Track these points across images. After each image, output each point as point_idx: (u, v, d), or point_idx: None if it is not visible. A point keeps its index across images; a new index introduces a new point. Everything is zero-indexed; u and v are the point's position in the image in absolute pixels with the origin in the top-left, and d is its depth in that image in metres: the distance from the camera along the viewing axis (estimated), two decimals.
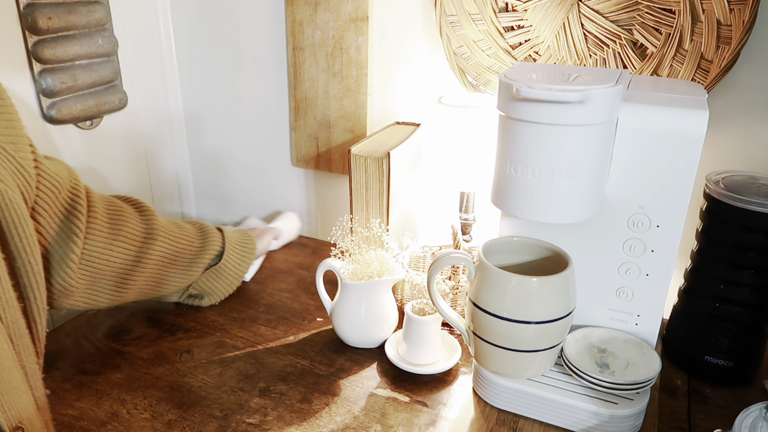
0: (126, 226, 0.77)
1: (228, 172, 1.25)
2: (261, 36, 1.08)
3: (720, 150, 0.82)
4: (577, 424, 0.64)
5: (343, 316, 0.78)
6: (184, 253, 0.85)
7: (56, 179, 0.67)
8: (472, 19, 0.88)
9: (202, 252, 0.87)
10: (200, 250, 0.87)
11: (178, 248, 0.83)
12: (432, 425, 0.66)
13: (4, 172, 0.56)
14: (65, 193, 0.69)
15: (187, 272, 0.86)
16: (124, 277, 0.78)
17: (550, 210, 0.62)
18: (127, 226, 0.77)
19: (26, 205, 0.61)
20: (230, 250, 0.90)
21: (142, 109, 1.13)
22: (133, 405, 0.69)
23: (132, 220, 0.78)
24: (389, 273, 0.79)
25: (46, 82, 0.92)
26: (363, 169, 0.84)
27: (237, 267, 0.91)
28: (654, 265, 0.66)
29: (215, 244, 0.88)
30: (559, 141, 0.58)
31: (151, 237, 0.80)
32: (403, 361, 0.74)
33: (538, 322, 0.61)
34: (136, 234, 0.78)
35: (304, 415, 0.68)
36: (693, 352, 0.74)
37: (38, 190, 0.64)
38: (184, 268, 0.85)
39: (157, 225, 0.81)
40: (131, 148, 1.13)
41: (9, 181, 0.57)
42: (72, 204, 0.70)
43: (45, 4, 0.89)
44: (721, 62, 0.76)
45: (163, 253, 0.81)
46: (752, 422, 0.49)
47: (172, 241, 0.83)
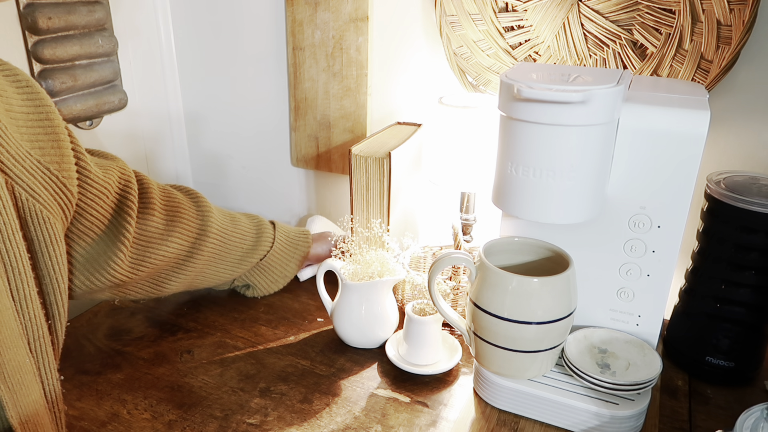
0: (182, 220, 0.78)
1: (228, 172, 1.25)
2: (261, 36, 1.08)
3: (720, 150, 0.82)
4: (578, 424, 0.64)
5: (343, 317, 0.78)
6: (236, 250, 0.85)
7: (102, 185, 0.68)
8: (472, 19, 0.88)
9: (253, 250, 0.87)
10: (252, 248, 0.87)
11: (230, 245, 0.84)
12: (433, 426, 0.66)
13: (45, 192, 0.58)
14: (113, 196, 0.71)
15: (235, 268, 0.87)
16: (174, 271, 0.79)
17: (551, 210, 0.62)
18: (183, 220, 0.78)
19: (64, 223, 0.62)
20: (278, 248, 0.90)
21: (142, 109, 1.13)
22: (133, 405, 0.69)
23: (188, 215, 0.80)
24: (390, 273, 0.79)
25: (46, 82, 0.92)
26: (364, 169, 0.84)
27: (284, 266, 0.92)
28: (655, 266, 0.66)
29: (266, 242, 0.89)
30: (560, 141, 0.58)
31: (205, 233, 0.81)
32: (404, 362, 0.74)
33: (539, 323, 0.61)
34: (191, 229, 0.79)
35: (304, 416, 0.67)
36: (694, 353, 0.74)
37: (82, 197, 0.66)
38: (233, 264, 0.86)
39: (212, 220, 0.82)
40: (131, 148, 1.13)
41: (50, 202, 0.58)
42: (121, 202, 0.72)
43: (45, 4, 0.89)
44: (721, 62, 0.76)
45: (215, 249, 0.82)
46: (754, 423, 0.49)
47: (225, 237, 0.84)
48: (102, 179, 0.68)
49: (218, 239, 0.82)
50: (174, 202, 0.79)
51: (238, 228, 0.86)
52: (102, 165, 0.71)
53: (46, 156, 0.58)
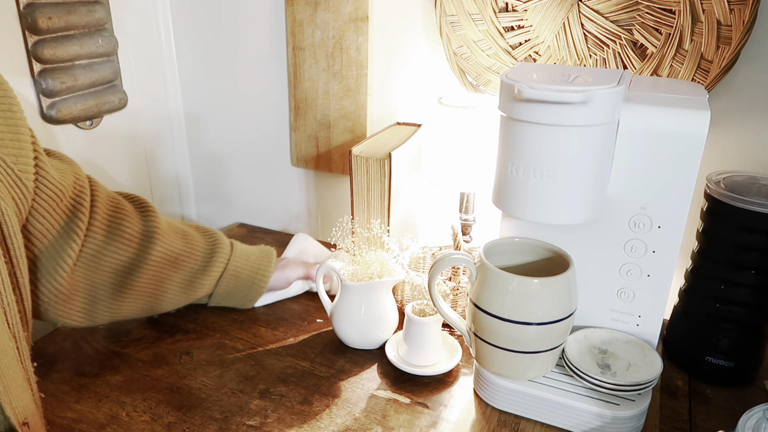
0: (124, 225, 0.74)
1: (228, 172, 1.25)
2: (261, 36, 1.08)
3: (720, 150, 0.82)
4: (579, 425, 0.64)
5: (343, 318, 0.78)
6: (184, 270, 0.79)
7: (59, 187, 0.66)
8: (472, 19, 0.88)
9: (203, 271, 0.81)
10: (202, 269, 0.81)
11: (178, 264, 0.78)
12: (433, 427, 0.66)
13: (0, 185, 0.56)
14: (67, 200, 0.68)
15: (186, 290, 0.80)
16: (120, 284, 0.74)
17: (551, 211, 0.61)
18: (126, 226, 0.74)
19: (19, 217, 0.61)
20: (234, 270, 0.83)
21: (142, 109, 1.13)
22: (132, 407, 0.69)
23: (131, 220, 0.75)
24: (389, 274, 0.79)
25: (46, 82, 0.91)
26: (364, 170, 0.84)
27: (240, 291, 0.85)
28: (655, 266, 0.66)
29: (219, 263, 0.82)
30: (561, 142, 0.58)
31: (150, 240, 0.75)
32: (404, 363, 0.74)
33: (540, 324, 0.61)
34: (134, 235, 0.74)
35: (304, 417, 0.67)
36: (694, 353, 0.74)
37: (37, 197, 0.64)
38: (181, 286, 0.80)
39: (158, 236, 0.76)
40: (131, 148, 1.13)
41: (4, 194, 0.57)
42: (75, 208, 0.69)
43: (45, 4, 0.89)
44: (721, 62, 0.76)
45: (158, 268, 0.76)
46: (755, 424, 0.49)
47: (172, 255, 0.77)
48: (58, 182, 0.66)
49: (163, 257, 0.76)
50: (118, 205, 0.74)
51: (189, 246, 0.80)
52: (58, 168, 0.68)
53: (2, 147, 0.57)
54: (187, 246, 0.80)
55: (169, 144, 1.22)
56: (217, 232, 0.85)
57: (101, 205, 0.73)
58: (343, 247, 0.81)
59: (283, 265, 0.88)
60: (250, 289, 0.85)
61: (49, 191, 0.65)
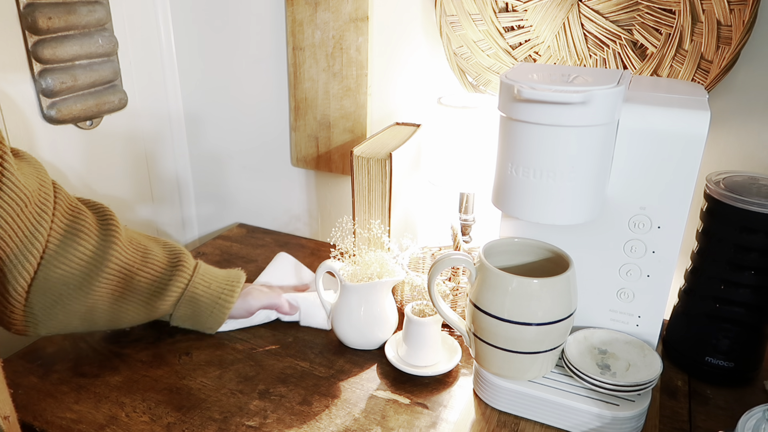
0: (80, 236, 0.69)
1: (228, 172, 1.25)
2: (261, 36, 1.08)
3: (720, 150, 0.82)
4: (579, 425, 0.64)
5: (342, 318, 0.78)
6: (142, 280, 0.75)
7: (23, 192, 0.63)
8: (472, 19, 0.88)
9: (161, 291, 0.76)
10: (160, 289, 0.76)
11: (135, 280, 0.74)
12: (432, 427, 0.66)
13: None
14: (32, 207, 0.65)
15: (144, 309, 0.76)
16: (71, 296, 0.70)
17: (551, 211, 0.61)
18: (82, 236, 0.70)
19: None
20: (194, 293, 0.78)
21: (142, 109, 1.13)
22: (131, 408, 0.69)
23: (89, 231, 0.71)
24: (389, 274, 0.78)
25: (46, 82, 0.91)
26: (365, 170, 0.84)
27: (201, 316, 0.80)
28: (655, 266, 0.66)
29: (178, 286, 0.77)
30: (561, 142, 0.58)
31: (105, 253, 0.71)
32: (404, 363, 0.74)
33: (539, 324, 0.61)
34: (89, 247, 0.70)
35: (304, 418, 0.67)
36: (693, 353, 0.74)
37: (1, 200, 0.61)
38: (140, 304, 0.76)
39: (116, 241, 0.72)
40: (131, 148, 1.13)
41: None
42: (39, 215, 0.66)
43: (45, 4, 0.89)
44: (721, 62, 0.76)
45: (116, 274, 0.72)
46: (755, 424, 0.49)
47: (129, 262, 0.73)
48: (22, 186, 0.63)
49: (117, 273, 0.72)
50: (77, 222, 0.70)
51: (148, 264, 0.75)
52: (24, 172, 0.65)
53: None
54: (145, 263, 0.75)
55: (169, 144, 1.22)
56: (183, 252, 0.80)
57: (60, 212, 0.69)
58: (342, 248, 0.81)
59: (246, 293, 0.82)
60: (209, 316, 0.80)
61: (14, 195, 0.62)
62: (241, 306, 0.81)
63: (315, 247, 1.13)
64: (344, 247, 0.81)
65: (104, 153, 1.07)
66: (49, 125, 0.96)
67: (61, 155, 0.99)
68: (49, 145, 0.97)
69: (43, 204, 0.66)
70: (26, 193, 0.63)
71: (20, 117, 0.91)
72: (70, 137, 1.00)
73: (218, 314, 0.80)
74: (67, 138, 1.00)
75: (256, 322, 0.84)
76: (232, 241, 1.15)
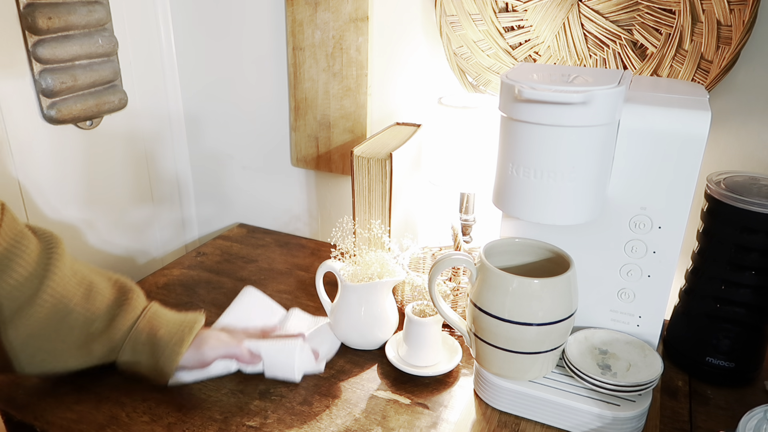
0: (15, 263, 0.63)
1: (228, 172, 1.25)
2: (261, 36, 1.08)
3: (720, 150, 0.82)
4: (579, 426, 0.64)
5: (343, 318, 0.78)
6: (77, 320, 0.66)
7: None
8: (472, 19, 0.88)
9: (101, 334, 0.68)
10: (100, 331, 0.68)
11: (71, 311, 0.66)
12: (433, 427, 0.66)
13: None
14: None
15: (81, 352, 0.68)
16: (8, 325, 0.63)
17: (551, 211, 0.61)
18: (17, 264, 0.63)
19: None
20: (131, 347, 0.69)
21: (142, 109, 1.13)
22: (132, 408, 0.69)
23: (27, 259, 0.64)
24: (389, 274, 0.78)
25: (46, 82, 0.91)
26: (366, 170, 0.84)
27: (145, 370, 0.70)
28: (655, 267, 0.66)
29: (124, 323, 0.69)
30: (562, 142, 0.58)
31: (40, 284, 0.64)
32: (404, 363, 0.74)
33: (540, 324, 0.61)
34: (22, 276, 0.63)
35: (304, 418, 0.67)
36: (694, 353, 0.74)
37: None
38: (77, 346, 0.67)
39: (54, 272, 0.65)
40: (131, 148, 1.13)
41: None
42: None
43: (45, 4, 0.89)
44: (721, 62, 0.76)
45: (48, 309, 0.64)
46: (756, 424, 0.49)
47: (66, 297, 0.66)
48: None
49: (53, 303, 0.65)
50: (16, 249, 0.63)
51: (90, 299, 0.67)
52: None
53: None
54: (86, 300, 0.67)
55: (169, 144, 1.22)
56: (133, 291, 0.72)
57: (1, 236, 0.63)
58: (342, 248, 0.81)
59: (200, 341, 0.71)
60: (154, 369, 0.70)
61: None
62: (192, 357, 0.70)
63: (315, 247, 1.13)
64: (345, 248, 0.81)
65: (104, 153, 1.07)
66: (49, 125, 0.96)
67: (61, 155, 0.99)
68: (49, 145, 0.97)
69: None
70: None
71: (20, 117, 0.91)
72: (70, 137, 1.00)
73: (165, 364, 0.69)
74: (67, 138, 1.00)
75: (213, 374, 0.73)
76: (232, 241, 1.15)
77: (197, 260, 1.06)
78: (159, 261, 1.23)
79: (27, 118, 0.92)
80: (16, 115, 0.91)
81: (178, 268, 1.03)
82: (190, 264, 1.05)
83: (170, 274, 1.01)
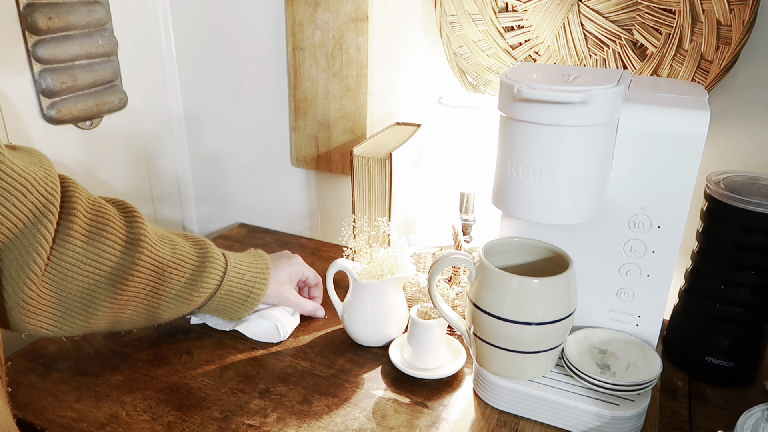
0: (107, 232, 0.67)
1: (228, 172, 1.25)
2: (261, 36, 1.08)
3: (720, 150, 0.82)
4: (579, 425, 0.64)
5: (357, 316, 0.78)
6: (174, 274, 0.73)
7: (22, 180, 0.59)
8: (472, 19, 0.88)
9: (193, 283, 0.75)
10: (192, 281, 0.75)
11: (167, 266, 0.72)
12: (433, 427, 0.66)
13: None
14: (33, 198, 0.61)
15: (177, 303, 0.74)
16: (100, 295, 0.67)
17: (551, 211, 0.61)
18: (108, 232, 0.67)
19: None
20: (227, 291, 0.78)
21: (142, 109, 1.13)
22: (132, 407, 0.69)
23: (115, 226, 0.68)
24: (400, 270, 0.79)
25: (46, 82, 0.91)
26: (365, 170, 0.84)
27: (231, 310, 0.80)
28: (655, 266, 0.66)
29: (212, 276, 0.76)
30: (561, 142, 0.58)
31: (135, 247, 0.69)
32: (408, 366, 0.74)
33: (539, 324, 0.61)
34: (117, 242, 0.68)
35: (304, 417, 0.67)
36: (694, 353, 0.74)
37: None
38: (174, 299, 0.74)
39: (145, 234, 0.70)
40: (131, 148, 1.13)
41: None
42: (44, 207, 0.62)
43: (45, 4, 0.89)
44: (721, 62, 0.76)
45: (148, 269, 0.70)
46: (754, 424, 0.49)
47: (160, 256, 0.71)
48: (22, 172, 0.59)
49: (149, 267, 0.70)
50: (102, 216, 0.68)
51: (177, 255, 0.73)
52: (24, 159, 0.62)
53: None
54: (175, 257, 0.73)
55: (169, 144, 1.22)
56: (208, 243, 0.78)
57: (81, 208, 0.66)
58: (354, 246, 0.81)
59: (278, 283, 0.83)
60: (240, 307, 0.80)
61: (12, 181, 0.58)
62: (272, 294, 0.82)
63: (315, 247, 1.13)
64: (356, 246, 0.81)
65: (104, 153, 1.07)
66: (49, 125, 0.96)
67: (61, 155, 0.99)
68: (49, 145, 0.97)
69: (48, 195, 0.62)
70: (22, 181, 0.59)
71: (20, 117, 0.91)
72: (70, 137, 1.00)
73: (249, 306, 0.81)
74: (67, 138, 1.00)
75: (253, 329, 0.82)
76: (232, 241, 1.15)
77: None
78: None
79: (27, 118, 0.93)
80: (16, 115, 0.91)
81: None
82: None
83: None
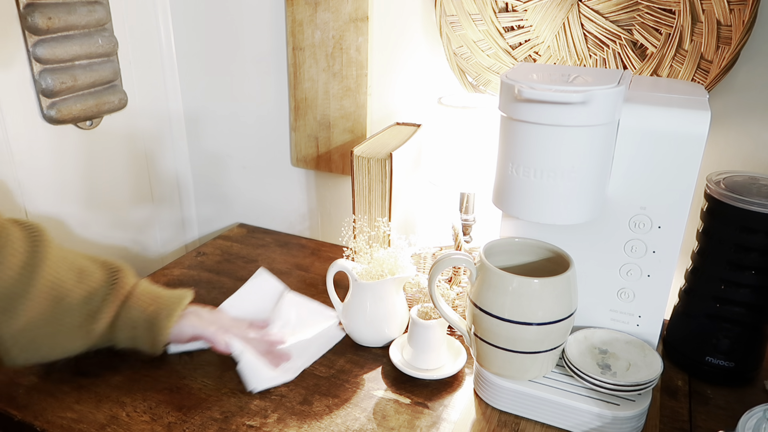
0: (5, 248, 0.64)
1: (228, 172, 1.25)
2: (261, 36, 1.08)
3: (720, 150, 0.82)
4: (579, 425, 0.64)
5: (356, 316, 0.78)
6: (76, 296, 0.68)
7: None
8: (472, 19, 0.88)
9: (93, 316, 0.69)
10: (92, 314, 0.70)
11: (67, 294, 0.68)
12: (433, 427, 0.66)
13: None
14: None
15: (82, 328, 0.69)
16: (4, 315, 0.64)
17: (551, 211, 0.61)
18: (7, 248, 0.64)
19: None
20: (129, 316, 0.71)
21: (142, 109, 1.13)
22: (132, 408, 0.69)
23: (15, 247, 0.65)
24: (400, 271, 0.79)
25: (46, 82, 0.91)
26: (366, 170, 0.84)
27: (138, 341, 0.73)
28: (655, 266, 0.66)
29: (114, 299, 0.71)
30: (561, 142, 0.58)
31: (33, 271, 0.65)
32: (409, 366, 0.74)
33: (540, 324, 0.61)
34: (14, 264, 0.65)
35: (304, 417, 0.67)
36: (694, 353, 0.74)
37: None
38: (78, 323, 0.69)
39: (45, 257, 0.66)
40: (131, 148, 1.13)
41: None
42: None
43: (45, 4, 0.89)
44: (721, 62, 0.76)
45: (45, 294, 0.66)
46: (755, 424, 0.49)
47: (60, 276, 0.68)
48: None
49: (49, 289, 0.67)
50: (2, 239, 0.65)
51: (83, 282, 0.69)
52: None
53: None
54: (79, 283, 0.69)
55: (169, 144, 1.22)
56: (122, 271, 0.73)
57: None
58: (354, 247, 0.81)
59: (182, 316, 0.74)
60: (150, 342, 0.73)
61: None
62: (175, 331, 0.73)
63: (315, 247, 1.13)
64: (356, 246, 0.81)
65: (104, 153, 1.07)
66: (49, 125, 0.96)
67: (61, 155, 0.99)
68: (49, 145, 0.97)
69: None
70: None
71: (20, 117, 0.91)
72: (70, 137, 1.00)
73: (157, 336, 0.72)
74: (67, 138, 1.00)
75: (196, 347, 0.77)
76: (232, 241, 1.15)
77: (197, 260, 1.06)
78: (159, 261, 1.23)
79: (27, 118, 0.93)
80: (16, 115, 0.91)
81: (179, 268, 1.03)
82: (190, 264, 1.05)
83: (170, 274, 1.01)
